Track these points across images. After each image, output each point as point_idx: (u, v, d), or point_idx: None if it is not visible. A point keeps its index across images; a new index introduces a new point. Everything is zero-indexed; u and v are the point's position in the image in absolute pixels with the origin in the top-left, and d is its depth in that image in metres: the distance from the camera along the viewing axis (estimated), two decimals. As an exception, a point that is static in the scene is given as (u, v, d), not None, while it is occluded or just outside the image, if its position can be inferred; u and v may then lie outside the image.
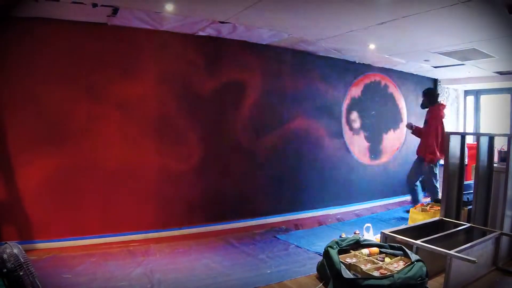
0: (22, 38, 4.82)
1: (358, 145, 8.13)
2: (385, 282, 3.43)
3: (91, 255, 4.82)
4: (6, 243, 3.13)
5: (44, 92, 4.94)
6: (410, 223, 5.74)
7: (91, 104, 5.20)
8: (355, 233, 5.34)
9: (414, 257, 3.85)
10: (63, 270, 4.31)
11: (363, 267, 3.81)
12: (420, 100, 9.18)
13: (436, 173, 7.13)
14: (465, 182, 5.59)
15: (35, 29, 4.86)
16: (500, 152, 5.50)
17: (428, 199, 7.86)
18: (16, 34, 4.78)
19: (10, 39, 4.76)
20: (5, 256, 2.98)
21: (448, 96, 10.01)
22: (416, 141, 9.21)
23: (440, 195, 6.28)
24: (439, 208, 5.44)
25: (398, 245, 4.20)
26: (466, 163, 5.70)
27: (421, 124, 7.82)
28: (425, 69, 8.58)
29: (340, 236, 5.01)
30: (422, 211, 5.98)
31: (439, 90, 9.75)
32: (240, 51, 6.28)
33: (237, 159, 6.36)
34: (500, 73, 8.25)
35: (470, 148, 6.27)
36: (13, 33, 4.76)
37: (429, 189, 7.31)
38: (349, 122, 7.89)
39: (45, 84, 4.95)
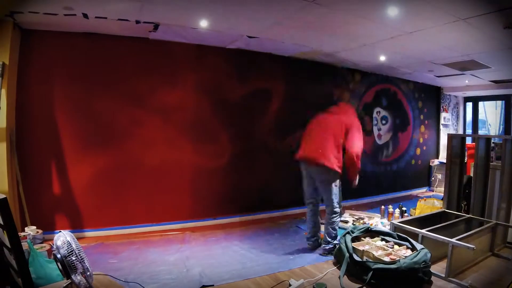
0: (72, 52, 5.04)
1: (370, 145, 8.33)
2: (393, 266, 3.61)
3: (134, 243, 5.00)
4: (60, 231, 3.21)
5: (94, 100, 5.16)
6: (417, 215, 5.85)
7: (135, 110, 5.41)
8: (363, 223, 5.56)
9: (418, 246, 4.01)
10: (110, 256, 4.48)
11: (374, 253, 3.98)
12: (423, 105, 9.41)
13: None
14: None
15: (83, 43, 5.08)
16: (495, 150, 5.65)
17: (432, 193, 8.01)
18: (64, 47, 5.01)
19: (60, 51, 4.99)
20: (59, 243, 3.02)
21: (449, 102, 10.20)
22: (424, 142, 9.46)
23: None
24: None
25: (405, 236, 4.33)
26: (465, 161, 5.89)
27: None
28: (429, 78, 8.71)
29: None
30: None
31: (442, 97, 9.97)
32: (266, 62, 6.44)
33: (263, 157, 6.54)
34: (495, 82, 8.40)
35: (469, 148, 6.43)
36: (61, 47, 4.99)
37: None
38: (362, 125, 7.96)
39: (94, 93, 5.16)
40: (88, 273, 3.15)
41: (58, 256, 3.00)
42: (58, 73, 4.98)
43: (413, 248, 4.06)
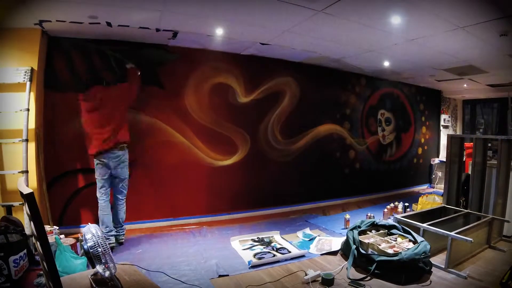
0: (95, 58, 5.13)
1: (375, 144, 8.47)
2: (395, 258, 3.73)
3: (154, 236, 5.13)
4: (88, 224, 3.26)
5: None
6: (418, 210, 5.92)
7: (155, 112, 5.52)
8: (368, 216, 5.70)
9: (419, 238, 4.14)
10: (132, 248, 4.63)
11: (379, 245, 4.09)
12: (424, 108, 9.48)
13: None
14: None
15: (106, 51, 5.17)
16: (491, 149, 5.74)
17: (432, 190, 8.08)
18: (88, 53, 5.09)
19: (84, 57, 5.06)
20: (88, 236, 3.17)
21: (449, 105, 10.34)
22: (425, 142, 9.57)
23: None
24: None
25: (408, 229, 4.43)
26: (464, 160, 6.02)
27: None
28: (430, 82, 8.81)
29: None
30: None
31: (442, 100, 10.09)
32: (277, 67, 6.56)
33: (273, 156, 6.66)
34: (492, 85, 8.52)
35: (467, 147, 6.54)
36: (85, 53, 5.08)
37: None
38: (367, 126, 8.25)
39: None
40: (112, 264, 3.29)
41: (85, 247, 3.13)
42: (82, 77, 5.05)
43: (415, 241, 4.15)
